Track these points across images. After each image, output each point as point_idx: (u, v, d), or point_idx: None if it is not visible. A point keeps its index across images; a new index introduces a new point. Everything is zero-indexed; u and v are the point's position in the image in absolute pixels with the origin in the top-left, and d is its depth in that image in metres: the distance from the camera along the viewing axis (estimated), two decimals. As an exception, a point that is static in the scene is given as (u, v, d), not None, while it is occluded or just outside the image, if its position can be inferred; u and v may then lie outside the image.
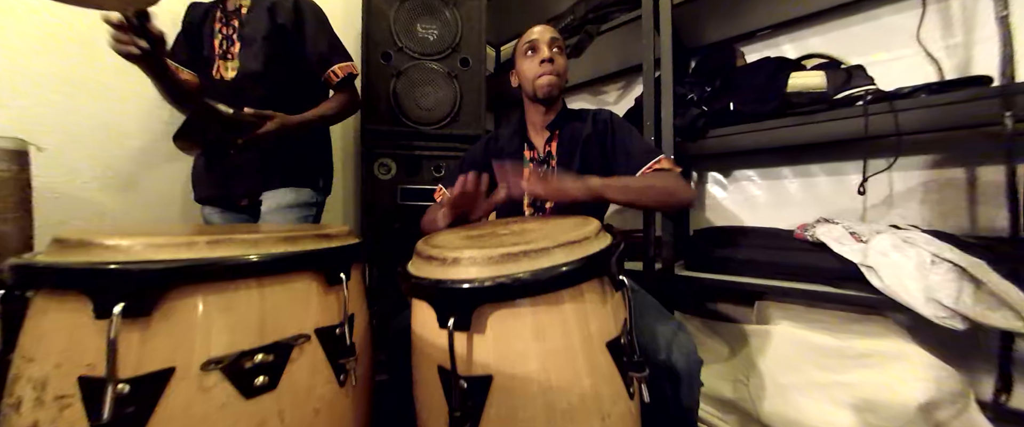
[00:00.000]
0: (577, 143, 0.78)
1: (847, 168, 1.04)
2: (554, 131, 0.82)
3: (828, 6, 1.04)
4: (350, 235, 0.46)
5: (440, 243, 0.36)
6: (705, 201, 1.29)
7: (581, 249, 0.31)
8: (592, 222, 0.39)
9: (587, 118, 0.81)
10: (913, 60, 0.96)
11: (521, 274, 0.27)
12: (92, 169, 0.88)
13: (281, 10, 0.88)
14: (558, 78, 0.79)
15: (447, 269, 0.30)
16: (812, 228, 0.88)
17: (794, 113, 0.84)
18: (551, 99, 0.80)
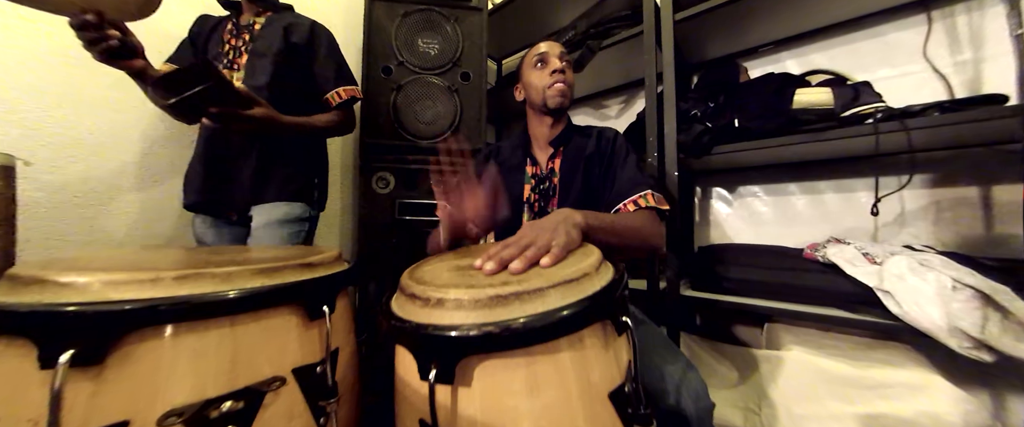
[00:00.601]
0: (581, 161, 0.76)
1: (856, 185, 1.01)
2: (558, 147, 0.80)
3: (831, 22, 1.04)
4: (337, 261, 0.43)
5: (425, 277, 0.33)
6: (709, 217, 1.27)
7: (580, 289, 0.28)
8: (592, 253, 0.36)
9: (593, 135, 0.79)
10: (920, 77, 0.94)
11: (512, 321, 0.24)
12: (83, 183, 0.86)
13: (297, 30, 0.91)
14: (570, 89, 0.78)
15: (430, 312, 0.27)
16: (822, 248, 0.85)
17: (802, 130, 0.82)
18: (561, 110, 0.79)
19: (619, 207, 0.66)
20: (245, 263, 0.32)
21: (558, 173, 0.79)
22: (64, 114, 0.84)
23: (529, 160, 0.82)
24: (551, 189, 0.78)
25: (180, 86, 0.58)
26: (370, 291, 1.18)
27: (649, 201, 0.65)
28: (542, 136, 0.82)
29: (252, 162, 0.84)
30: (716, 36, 1.10)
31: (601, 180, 0.74)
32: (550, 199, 0.77)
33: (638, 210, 0.64)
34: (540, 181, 0.80)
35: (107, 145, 0.90)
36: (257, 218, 0.83)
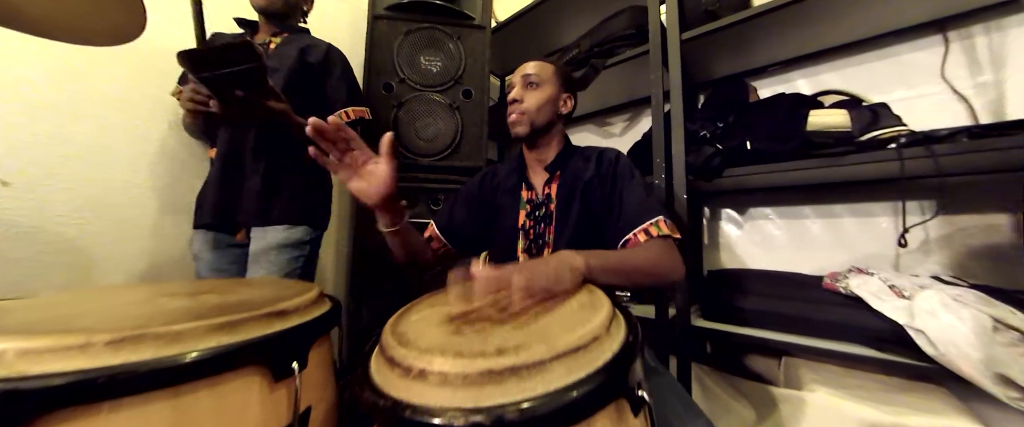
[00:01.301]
0: (578, 187, 0.71)
1: (875, 209, 0.96)
2: (555, 172, 0.75)
3: (841, 42, 1.01)
4: (316, 302, 0.39)
5: (409, 335, 0.29)
6: (719, 239, 1.22)
7: (589, 359, 0.23)
8: (601, 307, 0.31)
9: (591, 158, 0.74)
10: (939, 98, 0.91)
11: (506, 409, 0.20)
12: (69, 202, 0.83)
13: (313, 52, 0.93)
14: (523, 116, 0.72)
15: (410, 385, 0.23)
16: (844, 279, 0.80)
17: (818, 154, 0.77)
18: (524, 138, 0.74)
19: (628, 238, 0.61)
20: (199, 316, 0.28)
21: (555, 199, 0.73)
22: (50, 130, 0.82)
23: (524, 184, 0.77)
24: (547, 216, 0.73)
25: (219, 63, 0.55)
26: (362, 317, 1.13)
27: (662, 229, 0.60)
28: (536, 160, 0.77)
29: (259, 178, 0.82)
30: (723, 55, 1.08)
31: (603, 206, 0.68)
32: (546, 226, 0.72)
33: (649, 241, 0.59)
34: (536, 207, 0.75)
35: (96, 162, 0.88)
36: (256, 242, 0.80)
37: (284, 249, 0.80)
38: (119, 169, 0.90)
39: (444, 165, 1.17)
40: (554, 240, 0.71)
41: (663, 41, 0.99)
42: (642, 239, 0.59)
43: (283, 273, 0.78)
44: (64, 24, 0.48)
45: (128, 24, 0.50)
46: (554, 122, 0.75)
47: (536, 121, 0.73)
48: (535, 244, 0.74)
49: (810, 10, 0.86)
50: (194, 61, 0.55)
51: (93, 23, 0.48)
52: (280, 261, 0.78)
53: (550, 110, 0.74)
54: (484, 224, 0.80)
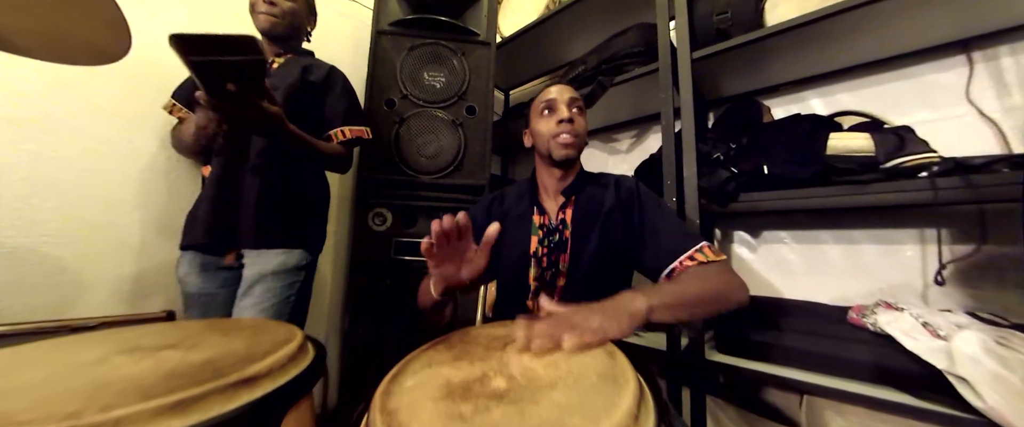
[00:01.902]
0: (597, 215, 0.68)
1: (899, 237, 0.91)
2: (570, 197, 0.72)
3: (859, 62, 0.98)
4: (295, 359, 0.34)
5: (400, 412, 0.25)
6: (732, 264, 1.16)
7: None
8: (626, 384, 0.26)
9: (610, 185, 0.71)
10: (964, 121, 0.86)
11: None
12: (57, 220, 0.80)
13: (315, 70, 0.92)
14: (577, 139, 0.71)
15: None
16: (872, 314, 0.74)
17: (841, 181, 0.73)
18: (569, 161, 0.72)
19: (674, 266, 0.58)
20: (149, 392, 0.24)
21: (570, 225, 0.70)
22: (39, 147, 0.79)
23: (536, 209, 0.74)
24: (561, 243, 0.70)
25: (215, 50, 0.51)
26: (358, 337, 1.08)
27: (708, 255, 0.57)
28: (551, 185, 0.75)
29: (256, 197, 0.79)
30: (734, 73, 1.05)
31: (626, 236, 0.65)
32: (560, 254, 0.68)
33: (701, 267, 0.56)
34: (549, 233, 0.72)
35: (86, 179, 0.85)
36: (251, 267, 0.77)
37: (280, 275, 0.76)
38: (110, 186, 0.88)
39: (446, 183, 1.14)
40: (568, 269, 0.67)
41: (673, 60, 0.97)
42: (689, 265, 0.57)
43: (278, 300, 0.74)
44: (46, 44, 0.46)
45: (112, 44, 0.47)
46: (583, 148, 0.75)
47: (582, 147, 0.73)
48: (548, 272, 0.70)
49: (826, 30, 0.83)
50: (188, 44, 0.50)
51: (76, 43, 0.46)
52: (276, 288, 0.75)
53: (585, 134, 0.74)
54: (492, 252, 0.76)
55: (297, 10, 0.92)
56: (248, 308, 0.72)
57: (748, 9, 0.91)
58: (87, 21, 0.44)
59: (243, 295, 0.75)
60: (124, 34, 0.47)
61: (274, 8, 0.87)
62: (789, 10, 0.89)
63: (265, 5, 0.86)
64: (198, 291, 0.78)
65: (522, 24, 1.40)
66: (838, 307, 0.90)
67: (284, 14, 0.89)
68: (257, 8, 0.87)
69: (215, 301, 0.79)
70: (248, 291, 0.74)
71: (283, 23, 0.89)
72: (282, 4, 0.88)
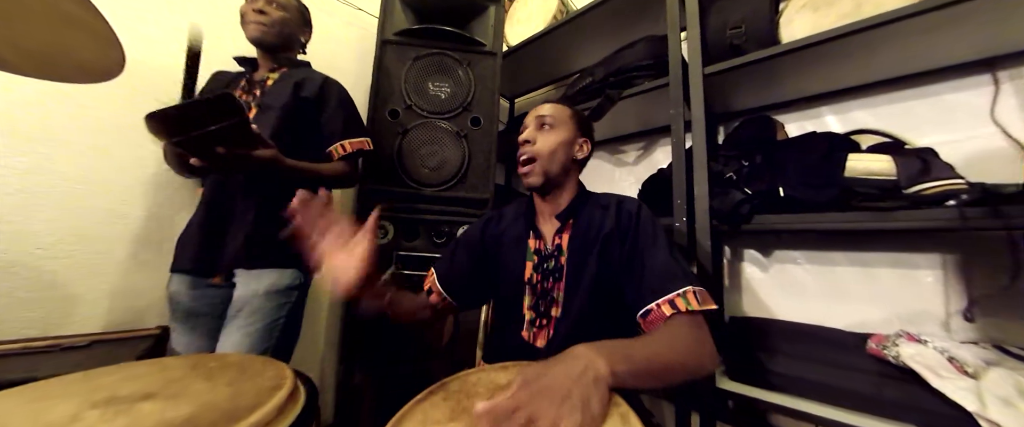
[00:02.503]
0: (595, 239, 0.63)
1: (920, 261, 0.87)
2: (567, 221, 0.67)
3: (876, 79, 0.95)
4: (285, 410, 0.32)
5: None
6: (740, 282, 1.13)
7: None
8: None
9: (610, 207, 0.66)
10: (989, 142, 0.83)
11: None
12: (52, 233, 0.79)
13: (308, 85, 0.89)
14: (536, 163, 0.66)
15: None
16: (893, 345, 0.71)
17: (862, 206, 0.70)
18: (537, 189, 0.68)
19: (651, 307, 0.53)
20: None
21: (566, 251, 0.66)
22: (37, 159, 0.78)
23: (532, 233, 0.70)
24: (557, 270, 0.66)
25: (194, 122, 0.50)
26: (356, 350, 1.06)
27: (691, 302, 0.51)
28: (547, 208, 0.70)
29: (250, 218, 0.77)
30: (747, 88, 1.02)
31: (623, 265, 0.60)
32: (556, 282, 0.64)
33: (674, 319, 0.51)
34: (544, 259, 0.67)
35: (82, 191, 0.83)
36: (242, 287, 0.74)
37: (271, 295, 0.74)
38: (106, 198, 0.86)
39: (448, 196, 1.12)
40: (564, 299, 0.63)
41: (684, 75, 0.94)
42: (667, 312, 0.51)
43: (266, 323, 0.72)
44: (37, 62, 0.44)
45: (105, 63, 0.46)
46: (569, 168, 0.69)
47: (550, 170, 0.66)
48: (543, 300, 0.66)
49: (843, 48, 0.80)
50: (166, 123, 0.49)
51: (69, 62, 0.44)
52: (266, 309, 0.72)
53: (564, 155, 0.67)
54: (487, 274, 0.73)
55: (288, 19, 0.90)
56: (236, 331, 0.70)
57: (763, 24, 0.89)
58: (79, 41, 0.42)
59: (232, 316, 0.73)
60: (117, 54, 0.46)
61: (263, 17, 0.85)
62: (804, 26, 0.87)
63: (255, 14, 0.84)
64: (188, 312, 0.76)
65: (528, 34, 1.38)
66: (855, 334, 0.86)
67: (274, 23, 0.87)
68: (247, 17, 0.85)
69: (204, 320, 0.76)
70: (237, 313, 0.72)
71: (273, 32, 0.87)
72: (272, 13, 0.86)
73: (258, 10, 0.85)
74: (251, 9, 0.85)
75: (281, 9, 0.88)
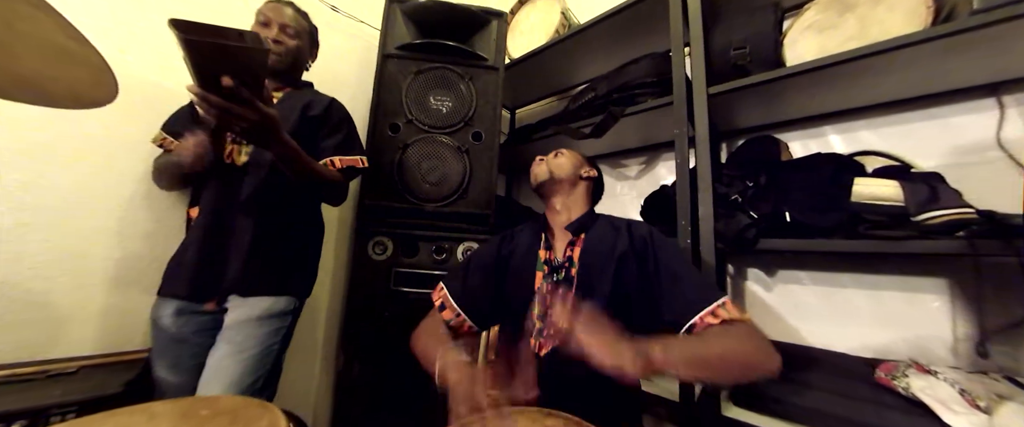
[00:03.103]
0: (609, 258, 0.64)
1: (928, 286, 0.86)
2: (578, 234, 0.70)
3: (881, 101, 0.94)
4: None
5: None
6: (744, 301, 1.11)
7: None
8: None
9: (621, 229, 0.68)
10: (995, 166, 0.82)
11: None
12: (44, 253, 0.77)
13: (315, 106, 0.89)
14: (549, 172, 0.75)
15: None
16: (903, 376, 0.69)
17: (870, 234, 0.69)
18: (544, 183, 0.75)
19: (694, 321, 0.54)
20: None
21: (577, 263, 0.67)
22: (27, 176, 0.76)
23: (544, 244, 0.72)
24: (566, 281, 0.66)
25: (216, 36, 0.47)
26: (353, 372, 1.03)
27: (731, 312, 0.53)
28: (557, 221, 0.74)
29: (248, 241, 0.75)
30: (751, 107, 1.01)
31: (640, 284, 0.62)
32: (566, 293, 0.65)
33: (726, 326, 0.52)
34: (554, 270, 0.69)
35: (79, 210, 0.82)
36: (233, 312, 0.72)
37: (264, 321, 0.72)
38: (99, 216, 0.84)
39: (449, 211, 1.10)
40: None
41: (688, 93, 0.93)
42: (712, 322, 0.52)
43: (261, 349, 0.70)
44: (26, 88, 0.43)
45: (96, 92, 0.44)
46: (575, 181, 0.75)
47: (556, 172, 0.74)
48: (553, 311, 0.66)
49: (848, 71, 0.80)
50: (187, 26, 0.46)
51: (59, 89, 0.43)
52: (258, 334, 0.70)
53: (572, 169, 0.75)
54: (502, 292, 0.73)
55: (301, 47, 0.90)
56: (228, 356, 0.67)
57: (767, 45, 0.88)
58: (72, 71, 0.41)
59: (223, 341, 0.70)
60: (110, 83, 0.44)
61: (279, 47, 0.85)
62: (809, 47, 0.86)
63: (269, 43, 0.83)
64: (171, 337, 0.73)
65: (530, 46, 1.38)
66: (862, 359, 0.85)
67: (289, 52, 0.87)
68: None
69: (187, 348, 0.73)
70: (229, 338, 0.70)
71: (287, 61, 0.88)
72: (287, 42, 0.86)
73: (273, 40, 0.84)
74: (265, 37, 0.84)
75: (295, 37, 0.88)
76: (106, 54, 0.43)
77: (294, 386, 0.80)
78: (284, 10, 0.86)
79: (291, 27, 0.87)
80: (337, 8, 1.28)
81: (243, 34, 0.49)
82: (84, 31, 0.41)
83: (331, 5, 1.26)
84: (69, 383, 0.60)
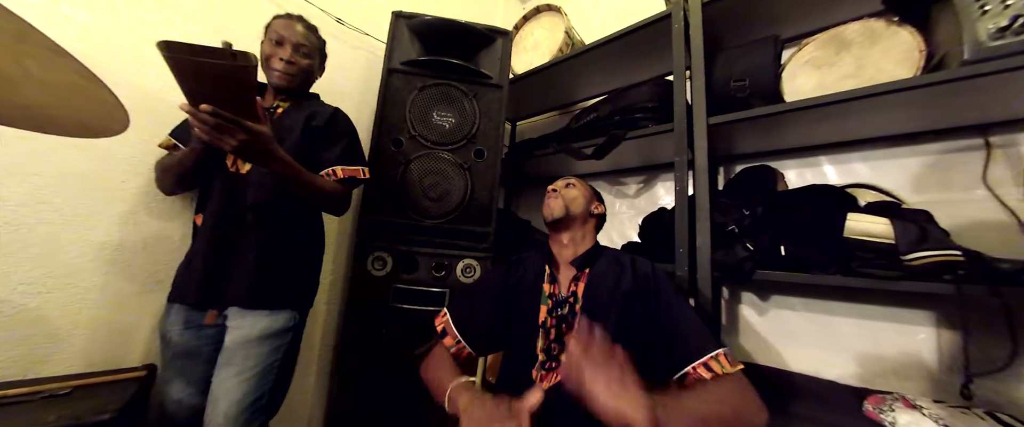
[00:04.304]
0: (613, 296, 0.65)
1: (916, 317, 0.89)
2: (583, 269, 0.71)
3: (874, 135, 0.97)
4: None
5: None
6: (738, 324, 1.13)
7: None
8: None
9: (626, 266, 0.69)
10: (981, 205, 0.85)
11: None
12: (38, 267, 0.76)
13: (318, 116, 0.89)
14: (560, 199, 0.76)
15: None
16: (889, 410, 0.71)
17: (861, 272, 0.71)
18: (558, 220, 0.75)
19: (688, 371, 0.55)
20: None
21: (581, 299, 0.68)
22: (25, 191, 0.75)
23: (549, 277, 0.73)
24: (570, 316, 0.67)
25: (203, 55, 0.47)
26: (349, 389, 1.03)
27: (725, 365, 0.54)
28: (563, 254, 0.75)
29: (252, 257, 0.75)
30: (750, 137, 1.04)
31: (643, 324, 0.63)
32: (569, 328, 0.66)
33: (719, 380, 0.53)
34: (558, 304, 0.69)
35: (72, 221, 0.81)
36: (234, 331, 0.72)
37: (265, 340, 0.72)
38: (96, 230, 0.83)
39: (450, 228, 1.11)
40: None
41: (689, 120, 0.95)
42: (704, 374, 0.54)
43: (262, 368, 0.70)
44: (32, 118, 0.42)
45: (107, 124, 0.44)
46: (586, 218, 0.76)
47: (571, 208, 0.75)
48: (555, 345, 0.67)
49: (844, 108, 0.82)
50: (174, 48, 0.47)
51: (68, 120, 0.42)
52: (259, 354, 0.70)
53: (584, 204, 0.77)
54: (507, 320, 0.74)
55: (313, 65, 0.91)
56: (230, 378, 0.68)
57: (766, 78, 0.91)
58: (82, 104, 0.41)
59: (224, 363, 0.71)
60: (121, 118, 0.44)
61: (291, 68, 0.85)
62: (807, 81, 0.89)
63: (281, 63, 0.83)
64: (180, 349, 0.74)
65: (534, 63, 1.39)
66: (850, 388, 0.87)
67: (302, 71, 0.88)
68: (272, 64, 0.84)
69: (196, 359, 0.74)
70: (230, 359, 0.70)
71: (298, 80, 0.88)
72: (300, 62, 0.86)
73: (287, 61, 0.84)
74: (278, 57, 0.84)
75: (307, 57, 0.88)
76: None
77: (288, 402, 0.79)
78: (296, 27, 0.86)
79: (305, 46, 0.87)
80: (342, 20, 1.28)
81: (235, 54, 0.50)
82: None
83: (336, 17, 1.26)
84: (63, 406, 0.59)
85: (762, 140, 1.05)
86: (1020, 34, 0.61)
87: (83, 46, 0.81)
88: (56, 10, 0.78)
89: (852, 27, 0.83)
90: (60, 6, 0.79)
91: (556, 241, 0.77)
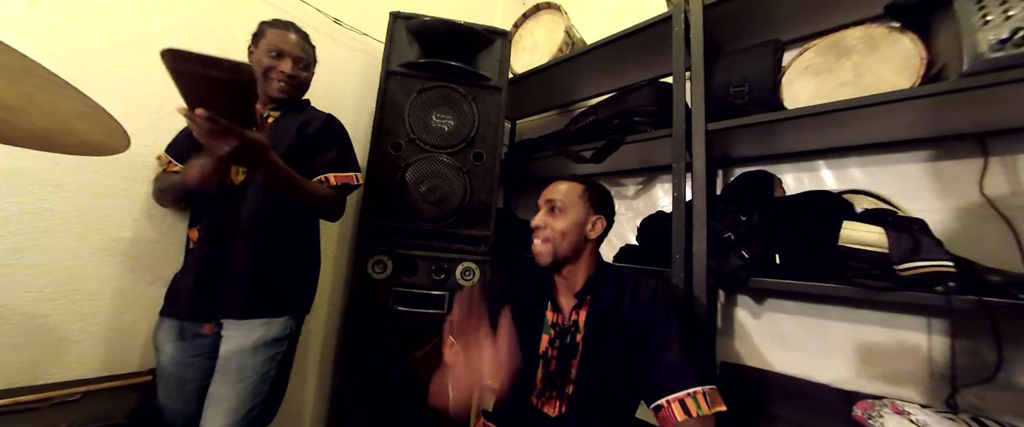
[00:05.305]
0: (614, 325, 0.65)
1: (907, 323, 0.90)
2: (585, 297, 0.69)
3: (871, 142, 0.97)
4: None
5: None
6: (733, 327, 1.15)
7: None
8: None
9: (627, 289, 0.67)
10: (977, 213, 0.86)
11: None
12: (44, 275, 0.77)
13: (311, 123, 0.89)
14: (547, 243, 0.68)
15: None
16: (878, 416, 0.73)
17: (853, 281, 0.72)
18: (548, 267, 0.70)
19: (662, 403, 0.55)
20: None
21: (582, 329, 0.67)
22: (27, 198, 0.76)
23: (551, 305, 0.71)
24: (572, 347, 0.67)
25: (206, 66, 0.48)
26: (348, 392, 1.05)
27: (701, 405, 0.52)
28: (564, 284, 0.72)
29: (244, 268, 0.76)
30: (748, 142, 1.04)
31: (638, 347, 0.62)
32: (571, 358, 0.66)
33: (687, 423, 0.52)
34: (560, 333, 0.69)
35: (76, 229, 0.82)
36: (229, 341, 0.73)
37: (260, 349, 0.73)
38: (102, 237, 0.84)
39: (449, 232, 1.12)
40: (578, 376, 0.65)
41: (687, 124, 0.95)
42: (676, 413, 0.53)
43: (257, 377, 0.71)
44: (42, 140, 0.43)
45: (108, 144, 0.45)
46: (580, 248, 0.70)
47: (560, 250, 0.68)
48: (558, 376, 0.67)
49: (842, 116, 0.82)
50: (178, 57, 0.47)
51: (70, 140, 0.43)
52: (255, 364, 0.72)
53: (576, 235, 0.69)
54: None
55: (310, 76, 0.91)
56: (225, 388, 0.69)
57: (765, 84, 0.90)
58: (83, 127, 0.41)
59: (220, 373, 0.72)
60: (122, 141, 0.45)
61: (293, 81, 0.86)
62: (806, 89, 0.88)
63: (281, 74, 0.83)
64: (172, 363, 0.74)
65: (533, 63, 1.38)
66: (839, 391, 0.89)
67: (301, 85, 0.88)
68: (272, 77, 0.84)
69: (189, 373, 0.75)
70: (225, 370, 0.71)
71: (297, 92, 0.89)
72: (301, 76, 0.87)
73: (289, 74, 0.84)
74: (279, 70, 0.84)
75: (306, 69, 0.89)
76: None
77: (286, 406, 0.81)
78: (290, 37, 0.86)
79: (303, 59, 0.88)
80: (340, 21, 1.27)
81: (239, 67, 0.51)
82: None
83: (334, 18, 1.25)
84: (73, 411, 0.61)
85: (761, 145, 1.05)
86: (1021, 46, 0.61)
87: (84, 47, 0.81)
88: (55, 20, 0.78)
89: (853, 33, 0.83)
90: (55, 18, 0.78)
91: (555, 273, 0.73)
